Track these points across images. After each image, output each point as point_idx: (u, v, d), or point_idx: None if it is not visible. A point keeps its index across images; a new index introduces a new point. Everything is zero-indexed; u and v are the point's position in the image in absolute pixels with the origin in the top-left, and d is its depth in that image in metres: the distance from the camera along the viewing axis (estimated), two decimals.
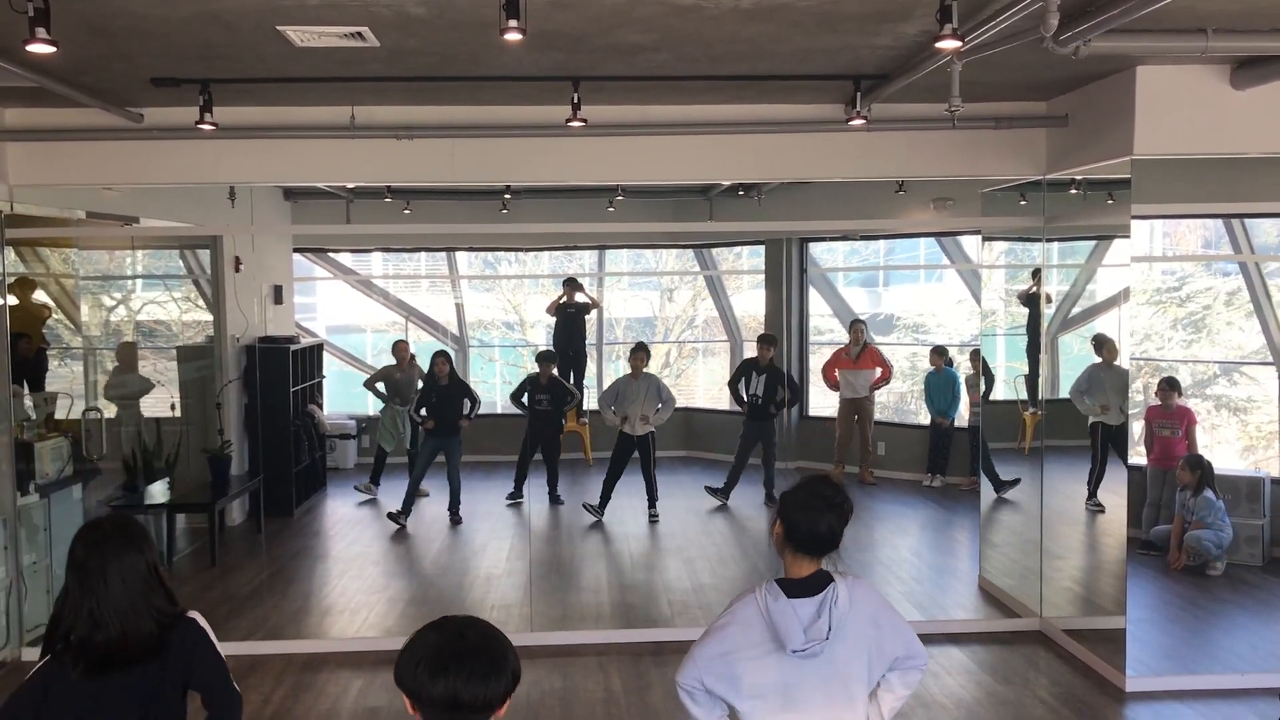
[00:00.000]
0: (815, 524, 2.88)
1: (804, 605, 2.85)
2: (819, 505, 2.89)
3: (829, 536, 2.90)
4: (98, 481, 7.97)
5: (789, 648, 2.81)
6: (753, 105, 6.56)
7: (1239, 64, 5.57)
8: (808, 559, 2.92)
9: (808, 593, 2.87)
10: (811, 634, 2.82)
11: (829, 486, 2.96)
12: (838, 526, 2.90)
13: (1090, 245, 7.54)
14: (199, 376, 9.65)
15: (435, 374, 9.86)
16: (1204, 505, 7.83)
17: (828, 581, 2.90)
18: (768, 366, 9.88)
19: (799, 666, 2.85)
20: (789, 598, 2.86)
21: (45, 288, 8.61)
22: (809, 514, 2.89)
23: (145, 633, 2.74)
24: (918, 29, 4.77)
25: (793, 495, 2.95)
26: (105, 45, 4.96)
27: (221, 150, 6.57)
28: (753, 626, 2.88)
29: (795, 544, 2.91)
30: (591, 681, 6.15)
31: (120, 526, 2.84)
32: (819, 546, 2.91)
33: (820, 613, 2.84)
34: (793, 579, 2.92)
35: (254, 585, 8.00)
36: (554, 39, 4.92)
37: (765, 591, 2.89)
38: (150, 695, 2.77)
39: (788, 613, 2.83)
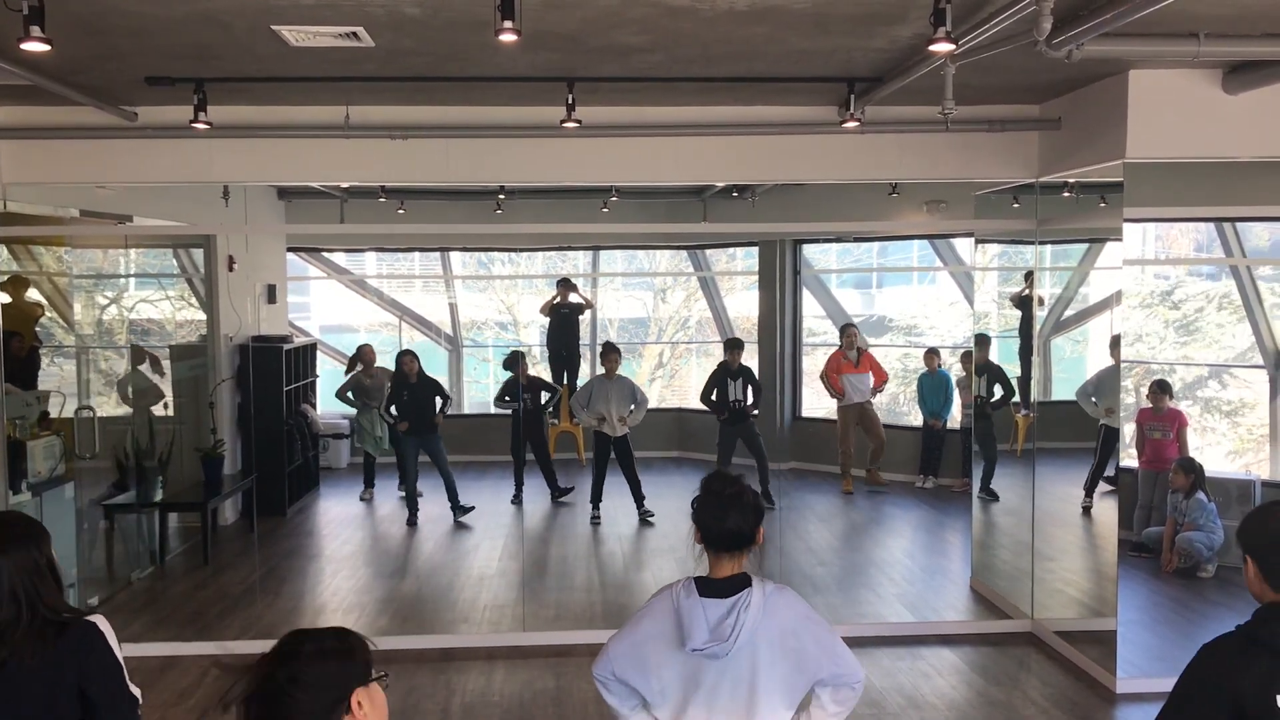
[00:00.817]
0: (721, 522, 2.88)
1: (714, 605, 2.84)
2: (718, 503, 2.90)
3: (737, 533, 2.89)
4: (90, 480, 7.95)
5: (687, 646, 2.81)
6: (747, 107, 6.57)
7: (1231, 68, 5.59)
8: (725, 557, 2.91)
9: (722, 593, 2.86)
10: (715, 634, 2.80)
11: (728, 482, 2.94)
12: (744, 523, 2.89)
13: (1083, 248, 7.56)
14: (192, 375, 9.64)
15: (404, 373, 9.85)
16: (1196, 507, 7.86)
17: (745, 585, 2.89)
18: (740, 370, 9.92)
19: (701, 666, 2.84)
20: (701, 596, 2.86)
21: (38, 286, 8.58)
22: (711, 512, 2.90)
23: (18, 638, 2.69)
24: (911, 32, 4.79)
25: (699, 495, 2.95)
26: (100, 44, 4.96)
27: (215, 149, 6.57)
28: (664, 620, 2.89)
29: (707, 543, 2.92)
30: (584, 681, 6.15)
31: (4, 527, 2.81)
32: (729, 543, 2.89)
33: (730, 615, 2.82)
34: (711, 578, 2.91)
35: (246, 585, 7.99)
36: (549, 40, 4.92)
37: (681, 587, 2.91)
38: (39, 696, 2.72)
39: (695, 611, 2.83)
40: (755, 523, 2.92)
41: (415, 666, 6.40)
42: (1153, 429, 8.52)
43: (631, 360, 14.33)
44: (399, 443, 10.00)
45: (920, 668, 6.31)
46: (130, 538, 8.52)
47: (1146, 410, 8.62)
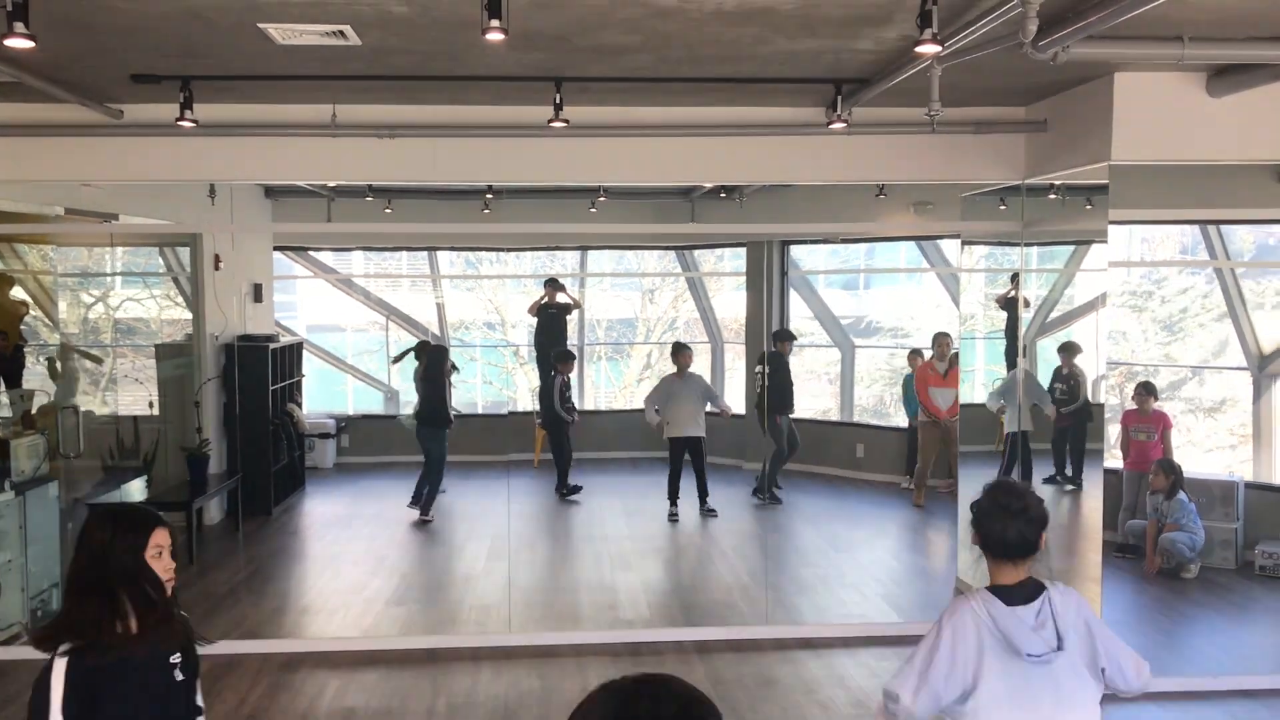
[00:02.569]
0: (1004, 532, 2.89)
1: (1025, 611, 2.85)
2: (1002, 514, 2.90)
3: (1020, 543, 2.89)
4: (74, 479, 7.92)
5: (1024, 653, 2.80)
6: (734, 108, 6.58)
7: (1215, 72, 5.62)
8: (1009, 565, 2.92)
9: (1023, 599, 2.87)
10: (1044, 640, 2.81)
11: (1012, 494, 2.95)
12: (1029, 532, 2.89)
13: (1068, 250, 7.59)
14: (177, 375, 9.60)
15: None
16: (1177, 508, 7.90)
17: (1040, 590, 2.89)
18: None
19: (1029, 672, 2.83)
20: (1008, 605, 2.86)
21: (23, 284, 8.55)
22: (994, 523, 2.90)
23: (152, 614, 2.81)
24: (898, 34, 4.80)
25: (979, 504, 2.96)
26: (85, 40, 4.94)
27: (202, 147, 6.54)
28: (977, 635, 2.86)
29: (989, 550, 2.93)
30: (569, 682, 6.16)
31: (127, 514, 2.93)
32: (1013, 553, 2.90)
33: (1042, 621, 2.84)
34: (1003, 585, 2.91)
35: (231, 584, 7.97)
36: (536, 39, 4.92)
37: (981, 601, 2.89)
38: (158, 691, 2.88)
39: (1013, 620, 2.83)
40: (1040, 531, 2.92)
41: (401, 667, 6.39)
42: (1138, 430, 8.56)
43: (619, 360, 14.34)
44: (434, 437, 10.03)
45: None
46: None
47: (1131, 412, 8.66)
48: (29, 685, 2.72)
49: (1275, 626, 7.50)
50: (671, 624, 7.11)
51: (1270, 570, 7.90)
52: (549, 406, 10.48)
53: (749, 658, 6.51)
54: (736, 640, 6.79)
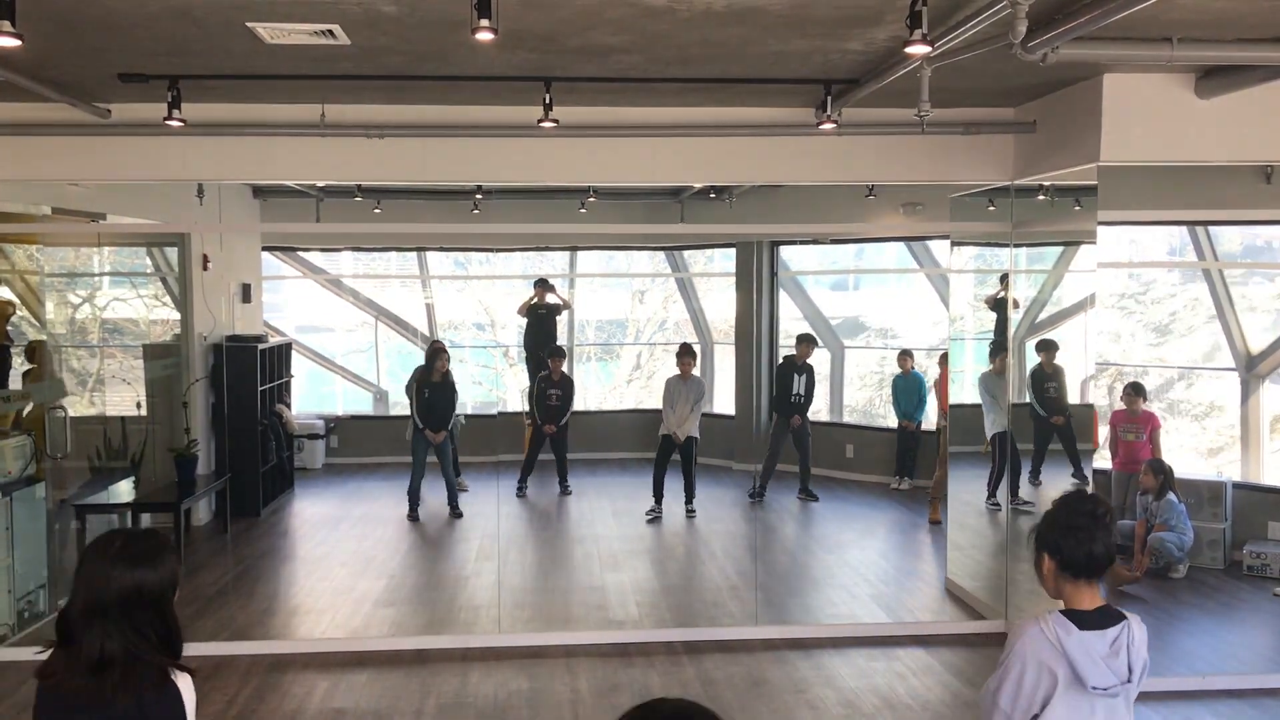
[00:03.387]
0: (1091, 546, 2.73)
1: (1096, 640, 2.72)
2: (1087, 524, 2.75)
3: (1105, 555, 2.75)
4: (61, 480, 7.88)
5: (1089, 684, 2.68)
6: (724, 108, 6.58)
7: (1204, 73, 5.64)
8: (1087, 586, 2.77)
9: (1098, 625, 2.74)
10: (1113, 671, 2.69)
11: (1095, 501, 2.81)
12: (1110, 546, 2.76)
13: (1057, 251, 7.61)
14: (165, 375, 9.56)
15: (433, 370, 9.99)
16: (1166, 508, 7.92)
17: (1119, 618, 2.77)
18: (804, 366, 10.22)
19: (1092, 705, 2.72)
20: (1080, 630, 2.72)
21: (9, 284, 8.50)
22: (1079, 536, 2.74)
23: (102, 667, 2.46)
24: (888, 34, 4.80)
25: (1055, 520, 2.79)
26: (72, 39, 4.91)
27: (190, 147, 6.52)
28: (1047, 662, 2.73)
29: (1074, 572, 2.76)
30: (559, 683, 6.15)
31: (126, 542, 2.57)
32: (1096, 570, 2.76)
33: (1116, 650, 2.71)
34: (1078, 610, 2.77)
35: (220, 585, 7.94)
36: (526, 39, 4.91)
37: (1055, 624, 2.74)
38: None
39: (1084, 647, 2.70)
40: (1115, 543, 2.78)
41: (390, 668, 6.37)
42: (1126, 431, 8.58)
43: (609, 361, 14.33)
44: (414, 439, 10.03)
45: (895, 668, 6.33)
46: None
47: (1120, 412, 8.68)
48: (18, 685, 2.68)
49: (1263, 626, 7.53)
50: (661, 624, 7.11)
51: (1258, 570, 7.92)
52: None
53: (738, 658, 6.51)
54: (726, 641, 6.79)
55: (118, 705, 2.48)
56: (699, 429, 9.80)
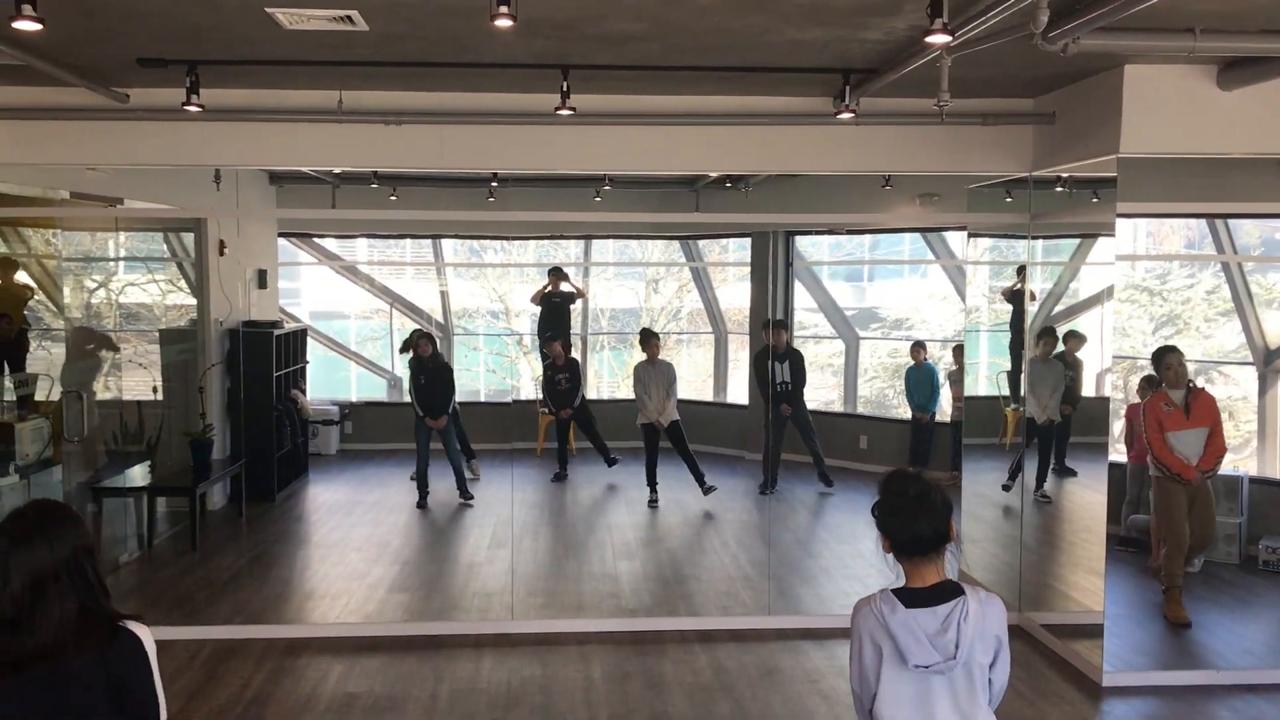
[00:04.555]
0: (914, 524, 2.76)
1: (925, 616, 2.73)
2: (904, 505, 2.78)
3: (933, 535, 2.76)
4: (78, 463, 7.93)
5: (910, 662, 2.70)
6: (741, 97, 6.56)
7: (1226, 64, 5.60)
8: (922, 563, 2.79)
9: (928, 602, 2.75)
10: (939, 649, 2.70)
11: (909, 480, 2.83)
12: (938, 523, 2.76)
13: (1074, 243, 7.57)
14: (181, 360, 9.60)
15: (419, 355, 9.95)
16: None
17: (956, 593, 2.77)
18: (787, 352, 10.12)
19: (925, 681, 2.74)
20: (907, 608, 2.74)
21: (27, 268, 8.54)
22: (900, 518, 2.78)
23: (62, 630, 2.55)
24: (907, 23, 4.78)
25: (879, 503, 2.82)
26: (92, 24, 4.92)
27: (207, 132, 6.53)
28: (877, 640, 2.77)
29: (904, 551, 2.79)
30: (572, 669, 6.16)
31: (44, 513, 2.66)
32: (924, 547, 2.77)
33: (946, 627, 2.71)
34: (913, 588, 2.79)
35: (234, 570, 7.98)
36: (544, 26, 4.90)
37: (881, 603, 2.78)
38: (75, 701, 2.57)
39: (907, 625, 2.72)
40: (947, 519, 2.78)
41: (403, 653, 6.40)
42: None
43: (622, 350, 14.32)
44: (416, 425, 10.06)
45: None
46: (118, 522, 8.49)
47: (1137, 405, 8.64)
48: None
49: (1278, 622, 7.49)
50: (673, 613, 7.12)
51: (1274, 565, 7.89)
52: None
53: (751, 647, 6.52)
54: (738, 630, 6.80)
55: (75, 666, 2.56)
56: (677, 411, 9.78)
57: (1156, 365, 7.15)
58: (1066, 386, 7.35)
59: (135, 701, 2.62)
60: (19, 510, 2.71)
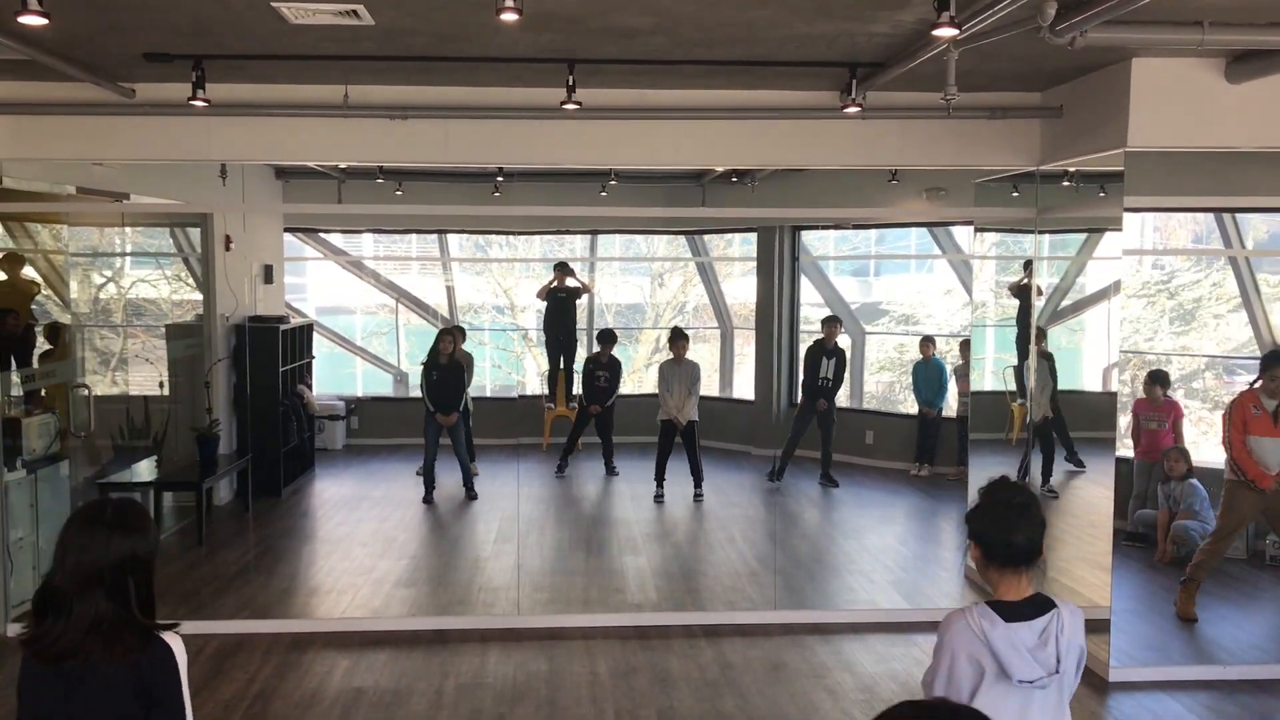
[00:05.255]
0: (1010, 535, 2.70)
1: (1023, 630, 2.68)
2: (1005, 513, 2.71)
3: (1028, 546, 2.70)
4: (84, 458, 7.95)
5: (1015, 678, 2.65)
6: (748, 91, 6.54)
7: (1234, 58, 5.57)
8: (1014, 576, 2.73)
9: (1026, 616, 2.70)
10: (1041, 664, 2.65)
11: (1009, 489, 2.77)
12: (1033, 532, 2.70)
13: (1082, 238, 7.55)
14: (188, 355, 9.61)
15: (438, 351, 9.98)
16: (1190, 493, 7.87)
17: (1049, 606, 2.73)
18: (835, 349, 10.18)
19: (1023, 695, 2.69)
20: (1006, 622, 2.68)
21: (34, 264, 8.55)
22: (1000, 526, 2.71)
23: (94, 630, 2.55)
24: (914, 17, 4.76)
25: (977, 510, 2.76)
26: (98, 18, 4.92)
27: (213, 127, 6.53)
28: (965, 655, 2.71)
29: (998, 561, 2.73)
30: (577, 664, 6.17)
31: (120, 511, 2.66)
32: (1020, 559, 2.71)
33: (1044, 640, 2.67)
34: (1006, 600, 2.74)
35: (241, 564, 7.99)
36: (550, 20, 4.89)
37: (979, 616, 2.71)
38: (104, 704, 2.59)
39: (1009, 640, 2.66)
40: (1043, 533, 2.73)
41: (409, 648, 6.40)
42: (1148, 419, 8.53)
43: (627, 345, 14.32)
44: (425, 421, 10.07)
45: (914, 654, 6.32)
46: None
47: (1143, 401, 8.63)
48: None
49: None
50: (679, 608, 7.12)
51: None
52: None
53: (757, 642, 6.52)
54: (744, 625, 6.79)
55: (107, 669, 2.57)
56: (697, 412, 9.79)
57: (1264, 370, 6.81)
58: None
59: (163, 710, 2.62)
60: (101, 501, 2.72)
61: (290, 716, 5.47)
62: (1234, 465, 6.69)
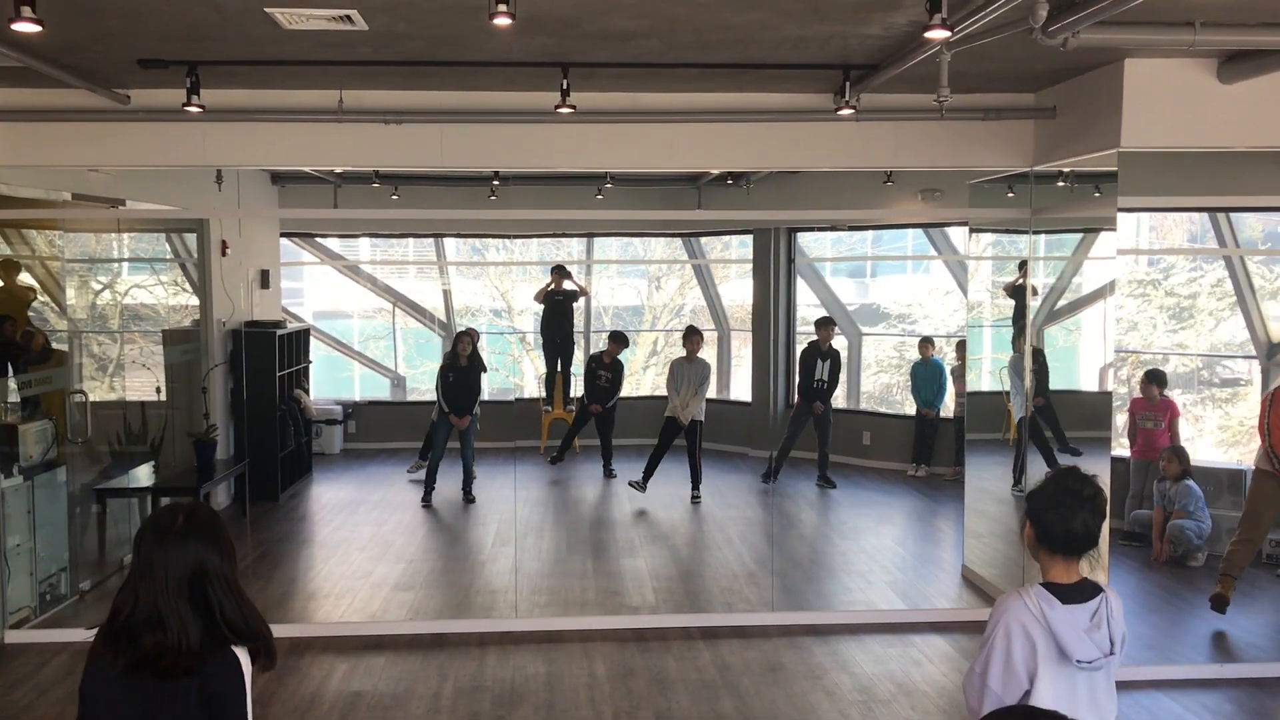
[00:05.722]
0: (1069, 522, 2.73)
1: (1078, 612, 2.72)
2: (1070, 501, 2.74)
3: (1085, 535, 2.74)
4: (81, 464, 7.94)
5: (1074, 658, 2.68)
6: (742, 94, 6.56)
7: (1226, 58, 5.59)
8: (1066, 562, 2.78)
9: (1079, 599, 2.74)
10: (1096, 644, 2.69)
11: (1078, 479, 2.79)
12: (1094, 523, 2.74)
13: (1076, 237, 7.56)
14: (185, 360, 9.61)
15: (457, 353, 10.04)
16: (1185, 493, 7.88)
17: (1098, 590, 2.77)
18: (830, 351, 10.12)
19: (1074, 678, 2.73)
20: (1063, 604, 2.72)
21: (30, 270, 8.55)
22: (1060, 512, 2.74)
23: (182, 642, 2.52)
24: (907, 19, 4.78)
25: (1040, 492, 2.80)
26: (92, 25, 4.93)
27: (208, 133, 6.54)
28: (1032, 635, 2.72)
29: (1051, 545, 2.77)
30: (576, 667, 6.17)
31: (191, 517, 2.64)
32: (1077, 546, 2.76)
33: (1097, 623, 2.71)
34: (1059, 584, 2.77)
35: (239, 569, 7.97)
36: (544, 24, 4.91)
37: (1037, 597, 2.73)
38: (176, 713, 2.55)
39: (1068, 620, 2.70)
40: (1100, 525, 2.77)
41: (407, 652, 6.41)
42: (1144, 418, 8.54)
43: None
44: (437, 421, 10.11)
45: (911, 655, 6.33)
46: (122, 522, 8.51)
47: (1139, 400, 8.65)
48: (38, 667, 2.70)
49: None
50: (677, 610, 7.12)
51: (1277, 559, 7.88)
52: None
53: (754, 644, 6.52)
54: (742, 627, 6.80)
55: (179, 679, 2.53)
56: (704, 412, 9.80)
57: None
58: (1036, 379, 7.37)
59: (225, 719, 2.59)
60: (171, 508, 2.67)
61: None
62: (1271, 456, 6.66)
